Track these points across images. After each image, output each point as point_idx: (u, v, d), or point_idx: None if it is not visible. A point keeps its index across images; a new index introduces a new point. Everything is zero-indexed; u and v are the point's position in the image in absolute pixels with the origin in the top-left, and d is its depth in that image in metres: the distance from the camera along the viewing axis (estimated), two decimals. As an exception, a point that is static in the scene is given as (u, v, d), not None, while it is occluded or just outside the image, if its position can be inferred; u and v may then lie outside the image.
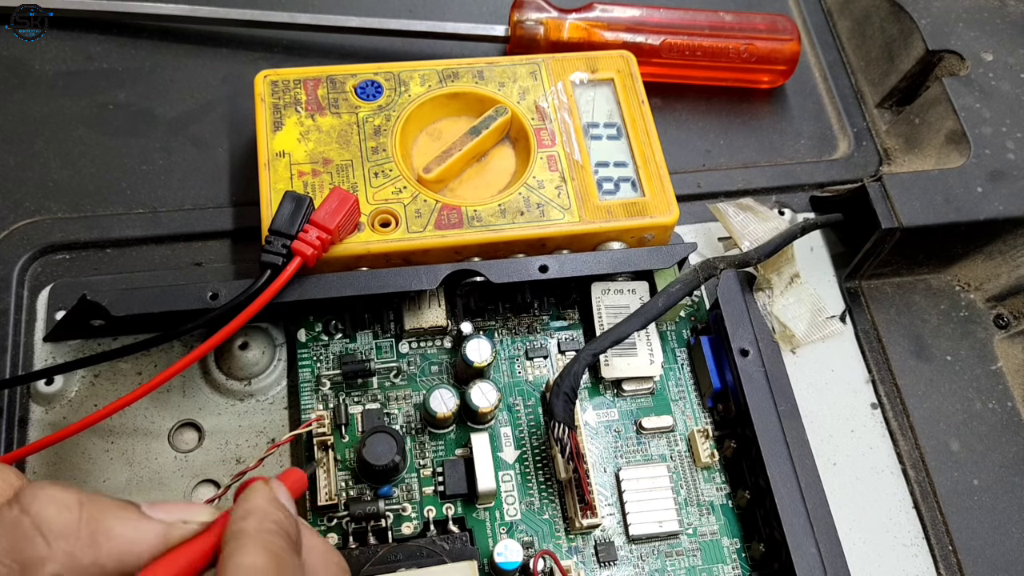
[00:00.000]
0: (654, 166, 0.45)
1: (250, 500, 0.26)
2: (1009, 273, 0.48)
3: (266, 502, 0.26)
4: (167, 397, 0.41)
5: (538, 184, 0.44)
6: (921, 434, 0.45)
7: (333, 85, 0.45)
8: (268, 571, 0.24)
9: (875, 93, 0.55)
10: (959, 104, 0.49)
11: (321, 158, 0.43)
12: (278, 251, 0.38)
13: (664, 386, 0.43)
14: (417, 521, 0.38)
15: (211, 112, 0.50)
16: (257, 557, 0.24)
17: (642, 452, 0.41)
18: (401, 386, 0.41)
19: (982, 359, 0.47)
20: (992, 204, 0.46)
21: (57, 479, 0.39)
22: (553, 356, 0.43)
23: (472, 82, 0.46)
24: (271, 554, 0.24)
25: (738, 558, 0.40)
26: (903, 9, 0.53)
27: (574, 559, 0.38)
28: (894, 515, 0.43)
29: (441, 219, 0.42)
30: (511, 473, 0.40)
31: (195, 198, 0.47)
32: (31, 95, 0.49)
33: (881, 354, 0.47)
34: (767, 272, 0.45)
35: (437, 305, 0.41)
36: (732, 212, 0.46)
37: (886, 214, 0.45)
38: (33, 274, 0.44)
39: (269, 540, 0.24)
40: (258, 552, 0.24)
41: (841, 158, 0.53)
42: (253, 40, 0.53)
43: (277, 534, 0.25)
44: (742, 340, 0.41)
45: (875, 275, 0.49)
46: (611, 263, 0.42)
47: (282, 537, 0.25)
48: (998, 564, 0.42)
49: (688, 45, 0.52)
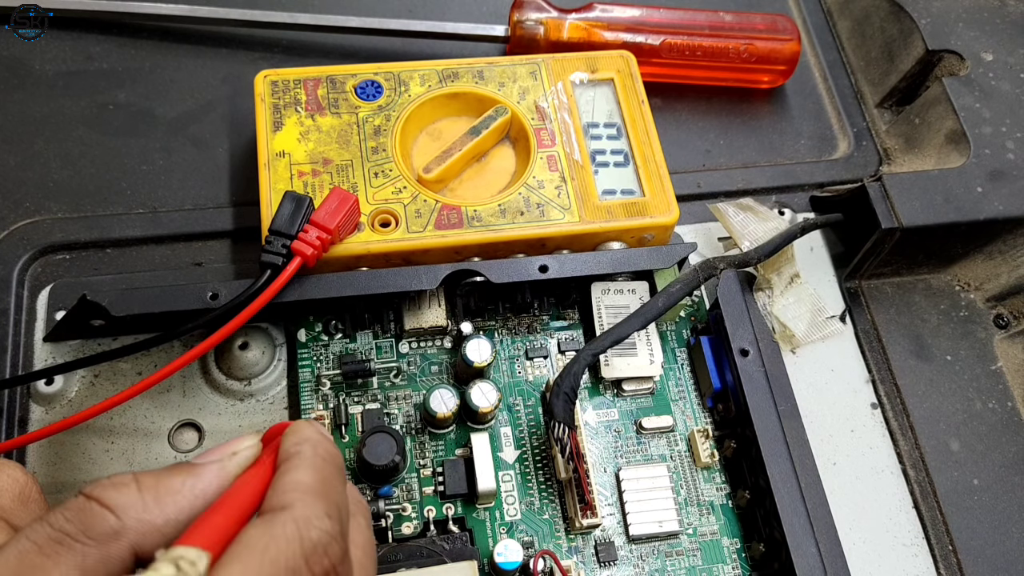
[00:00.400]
0: (654, 166, 0.45)
1: (302, 431, 0.27)
2: (1009, 273, 0.48)
3: (316, 433, 0.27)
4: (167, 397, 0.41)
5: (538, 184, 0.44)
6: (921, 434, 0.45)
7: (333, 85, 0.45)
8: (317, 490, 0.25)
9: (875, 93, 0.55)
10: (959, 104, 0.49)
11: (321, 158, 0.43)
12: (278, 251, 0.38)
13: (664, 386, 0.43)
14: (417, 521, 0.38)
15: (211, 112, 0.50)
16: (307, 475, 0.25)
17: (642, 452, 0.41)
18: (401, 386, 0.41)
19: (982, 359, 0.47)
20: (992, 204, 0.46)
21: (57, 479, 0.39)
22: (553, 356, 0.43)
23: (472, 82, 0.46)
24: (321, 475, 0.25)
25: (738, 558, 0.40)
26: (903, 9, 0.53)
27: (574, 559, 0.38)
28: (894, 515, 0.43)
29: (441, 219, 0.42)
30: (511, 473, 0.40)
31: (195, 198, 0.47)
32: (31, 95, 0.49)
33: (881, 354, 0.47)
34: (767, 272, 0.45)
35: (437, 305, 0.41)
36: (732, 212, 0.46)
37: (886, 214, 0.45)
38: (33, 274, 0.44)
39: (320, 464, 0.26)
40: (308, 471, 0.25)
41: (841, 158, 0.53)
42: (253, 40, 0.53)
43: (328, 460, 0.26)
44: (742, 340, 0.41)
45: (875, 275, 0.49)
46: (611, 263, 0.42)
47: (332, 464, 0.26)
48: (998, 564, 0.42)
49: (688, 45, 0.52)
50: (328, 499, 0.25)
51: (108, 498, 0.24)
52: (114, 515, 0.24)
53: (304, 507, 0.24)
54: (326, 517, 0.24)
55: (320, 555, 0.23)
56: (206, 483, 0.26)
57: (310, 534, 0.23)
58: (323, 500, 0.25)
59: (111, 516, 0.24)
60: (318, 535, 0.24)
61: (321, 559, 0.23)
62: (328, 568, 0.24)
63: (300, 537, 0.23)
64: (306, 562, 0.23)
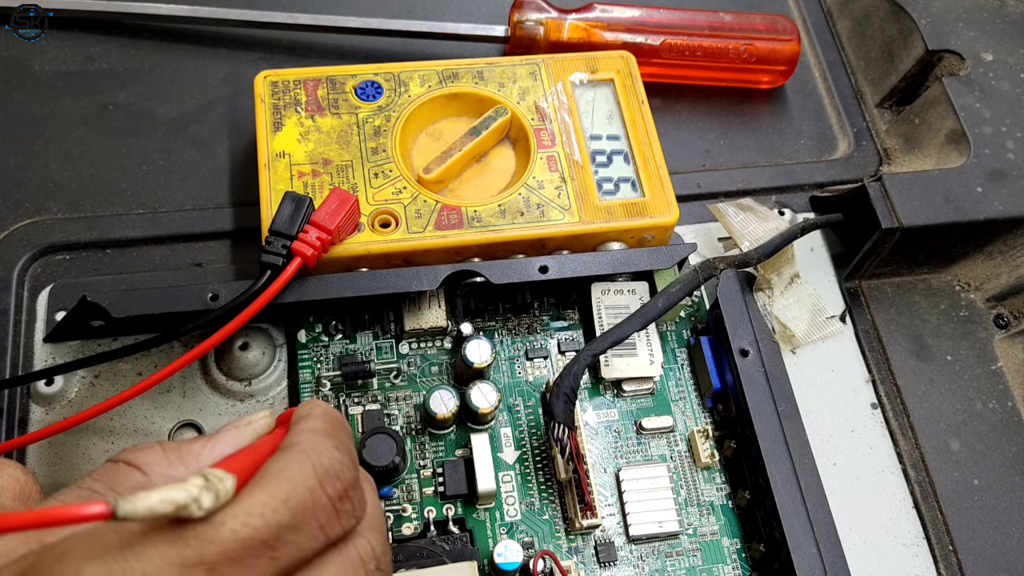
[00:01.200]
0: (654, 166, 0.45)
1: (314, 402, 0.29)
2: (1009, 273, 0.48)
3: (327, 409, 0.29)
4: (167, 398, 0.41)
5: (538, 184, 0.44)
6: (921, 434, 0.45)
7: (333, 86, 0.45)
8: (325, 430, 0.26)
9: (875, 93, 0.55)
10: (959, 104, 0.49)
11: (321, 159, 0.43)
12: (278, 252, 0.38)
13: (664, 386, 0.43)
14: (417, 522, 0.38)
15: (211, 112, 0.50)
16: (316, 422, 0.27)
17: (642, 452, 0.41)
18: (401, 387, 0.41)
19: (982, 359, 0.47)
20: (992, 204, 0.46)
21: (57, 479, 0.39)
22: (553, 356, 0.43)
23: (472, 82, 0.46)
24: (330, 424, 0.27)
25: (738, 558, 0.40)
26: (903, 9, 0.53)
27: (574, 559, 0.38)
28: (894, 515, 0.43)
29: (441, 219, 0.42)
30: (511, 474, 0.40)
31: (195, 198, 0.47)
32: (31, 95, 0.49)
33: (881, 354, 0.47)
34: (767, 272, 0.45)
35: (437, 306, 0.41)
36: (732, 212, 0.46)
37: (886, 214, 0.45)
38: (33, 274, 0.44)
39: (330, 418, 0.28)
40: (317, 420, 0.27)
41: (841, 158, 0.53)
42: (253, 40, 0.53)
43: (337, 420, 0.28)
44: (742, 340, 0.41)
45: (875, 275, 0.49)
46: (611, 263, 0.42)
47: (340, 423, 0.28)
48: (998, 564, 0.42)
49: (688, 45, 0.52)
50: (336, 437, 0.26)
51: (135, 458, 0.26)
52: (141, 472, 0.25)
53: (313, 440, 0.26)
54: (334, 449, 0.26)
55: (332, 478, 0.25)
56: (224, 446, 0.27)
57: (321, 460, 0.25)
58: (331, 437, 0.26)
59: (138, 473, 0.25)
60: (329, 461, 0.25)
61: (334, 481, 0.25)
62: (341, 491, 0.25)
63: (312, 463, 0.25)
64: (320, 483, 0.24)
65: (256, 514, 0.22)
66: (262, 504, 0.23)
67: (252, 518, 0.22)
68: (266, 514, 0.23)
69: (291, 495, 0.23)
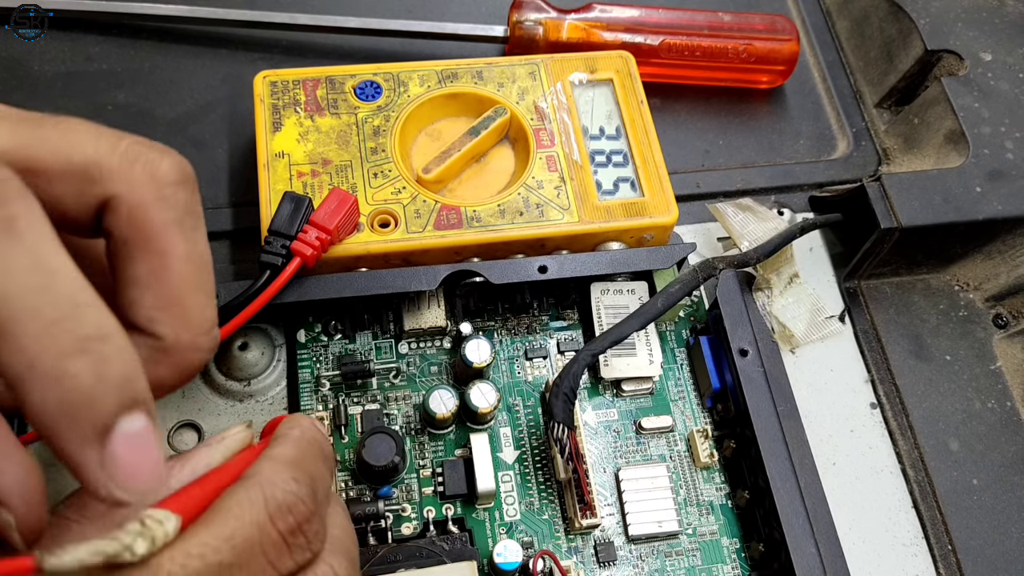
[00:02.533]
0: (653, 166, 0.45)
1: (296, 420, 0.29)
2: (1008, 273, 0.48)
3: (309, 422, 0.29)
4: (166, 398, 0.41)
5: (537, 184, 0.44)
6: (920, 434, 0.45)
7: (332, 86, 0.45)
8: (289, 460, 0.26)
9: (874, 93, 0.55)
10: (958, 104, 0.49)
11: (320, 159, 0.43)
12: (277, 251, 0.38)
13: (663, 386, 0.43)
14: (417, 522, 0.38)
15: (211, 112, 0.50)
16: (284, 449, 0.27)
17: (641, 452, 0.41)
18: (400, 387, 0.41)
19: (981, 359, 0.47)
20: (991, 204, 0.46)
21: (56, 479, 0.39)
22: (552, 356, 0.43)
23: (471, 82, 0.46)
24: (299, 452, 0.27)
25: (738, 558, 0.40)
26: (902, 9, 0.53)
27: (574, 559, 0.38)
28: (894, 515, 0.43)
29: (440, 219, 0.42)
30: (511, 473, 0.40)
31: (194, 199, 0.47)
32: (31, 95, 0.49)
33: (880, 354, 0.47)
34: (766, 272, 0.45)
35: (436, 306, 0.41)
36: (731, 212, 0.46)
37: (885, 214, 0.45)
38: (33, 275, 0.44)
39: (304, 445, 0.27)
40: (287, 447, 0.27)
41: (840, 158, 0.53)
42: (253, 40, 0.53)
43: (312, 444, 0.28)
44: (741, 340, 0.41)
45: (874, 275, 0.49)
46: (610, 263, 0.42)
47: (315, 447, 0.28)
48: (998, 564, 0.42)
49: (687, 45, 0.52)
50: (299, 468, 0.26)
51: None
52: None
53: (271, 472, 0.25)
54: (292, 481, 0.25)
55: (284, 512, 0.24)
56: (195, 465, 0.27)
57: (275, 493, 0.24)
58: (292, 468, 0.26)
59: None
60: (283, 495, 0.25)
61: (286, 516, 0.24)
62: (293, 526, 0.25)
63: (264, 497, 0.24)
64: (270, 519, 0.24)
65: (195, 555, 0.22)
66: (202, 544, 0.22)
67: (191, 559, 0.22)
68: (207, 554, 0.22)
69: (236, 532, 0.23)
